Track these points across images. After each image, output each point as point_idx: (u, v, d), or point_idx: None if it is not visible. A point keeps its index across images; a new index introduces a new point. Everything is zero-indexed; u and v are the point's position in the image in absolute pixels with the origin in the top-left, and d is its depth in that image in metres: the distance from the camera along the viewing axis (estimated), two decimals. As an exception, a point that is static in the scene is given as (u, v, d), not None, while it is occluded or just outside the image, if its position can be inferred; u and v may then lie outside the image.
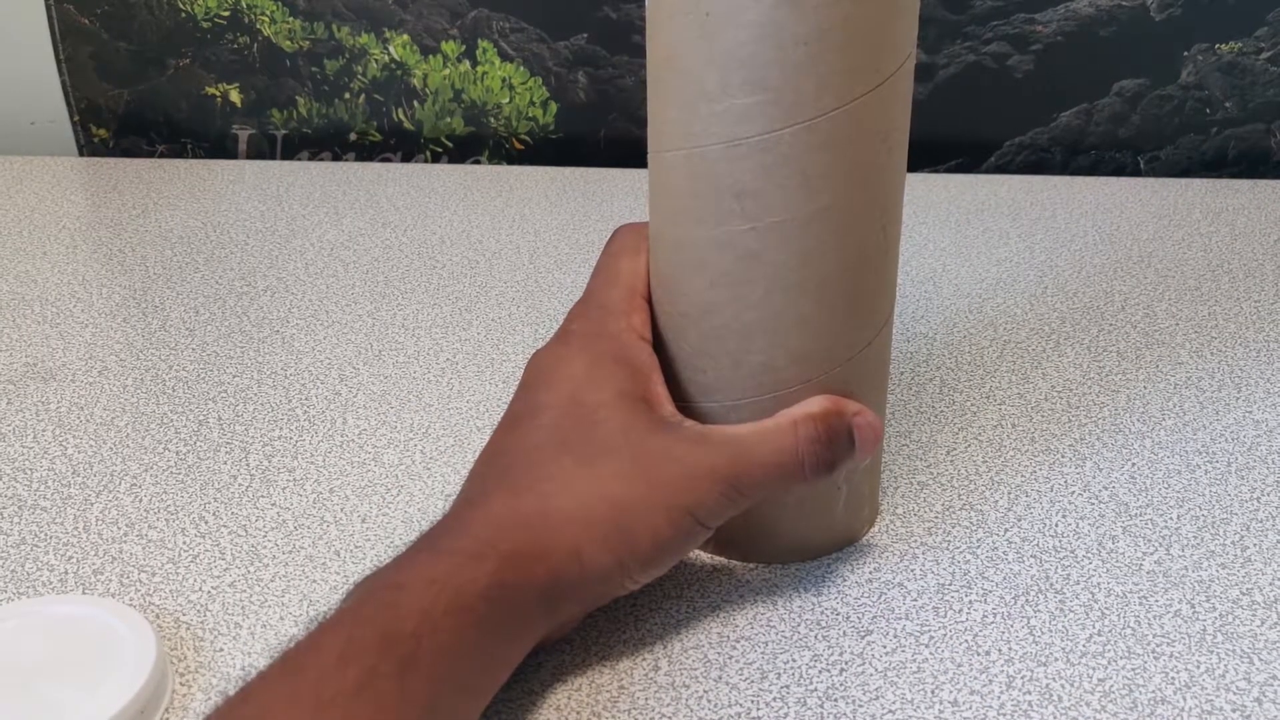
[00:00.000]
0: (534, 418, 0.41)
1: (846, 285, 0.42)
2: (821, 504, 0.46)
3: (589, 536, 0.38)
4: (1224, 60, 0.83)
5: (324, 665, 0.33)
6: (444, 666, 0.35)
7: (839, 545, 0.48)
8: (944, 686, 0.41)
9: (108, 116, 0.93)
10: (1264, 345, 0.62)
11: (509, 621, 0.37)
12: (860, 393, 0.44)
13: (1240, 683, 0.41)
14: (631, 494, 0.39)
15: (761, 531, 0.46)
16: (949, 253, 0.73)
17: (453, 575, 0.36)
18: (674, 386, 0.44)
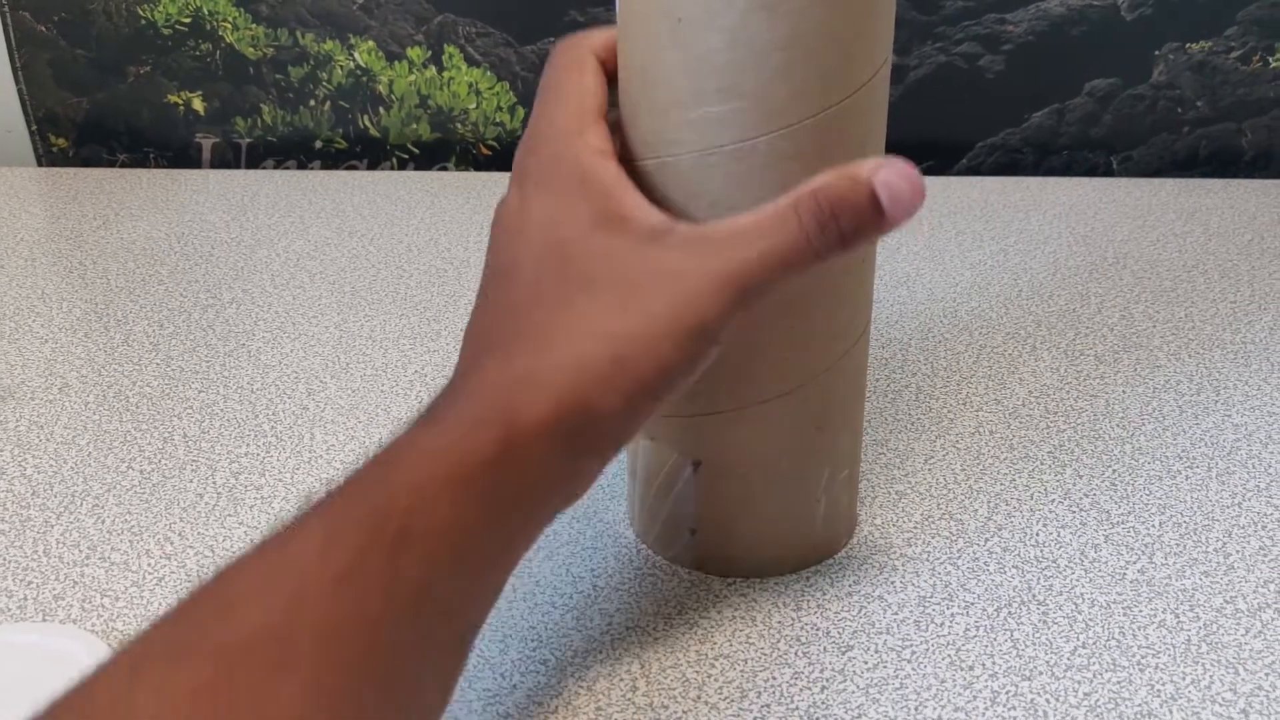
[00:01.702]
0: (511, 275, 0.38)
1: (822, 296, 0.41)
2: (799, 517, 0.45)
3: (593, 382, 0.35)
4: (1195, 59, 0.82)
5: (307, 550, 0.30)
6: (443, 547, 0.32)
7: (818, 558, 0.47)
8: (927, 704, 0.41)
9: (67, 125, 0.91)
10: (1241, 347, 0.62)
11: (518, 492, 0.34)
12: (837, 403, 0.44)
13: (1226, 694, 0.41)
14: (630, 327, 0.35)
15: (740, 545, 0.46)
16: (922, 257, 0.73)
17: (452, 446, 0.33)
18: None
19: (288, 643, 0.28)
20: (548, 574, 0.47)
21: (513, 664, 0.43)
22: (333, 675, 0.29)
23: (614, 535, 0.49)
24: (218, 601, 0.30)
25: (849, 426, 0.45)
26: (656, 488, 0.46)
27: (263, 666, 0.28)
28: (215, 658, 0.28)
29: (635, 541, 0.49)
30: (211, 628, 0.29)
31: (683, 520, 0.46)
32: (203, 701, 0.27)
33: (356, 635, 0.29)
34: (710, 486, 0.44)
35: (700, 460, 0.44)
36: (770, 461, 0.44)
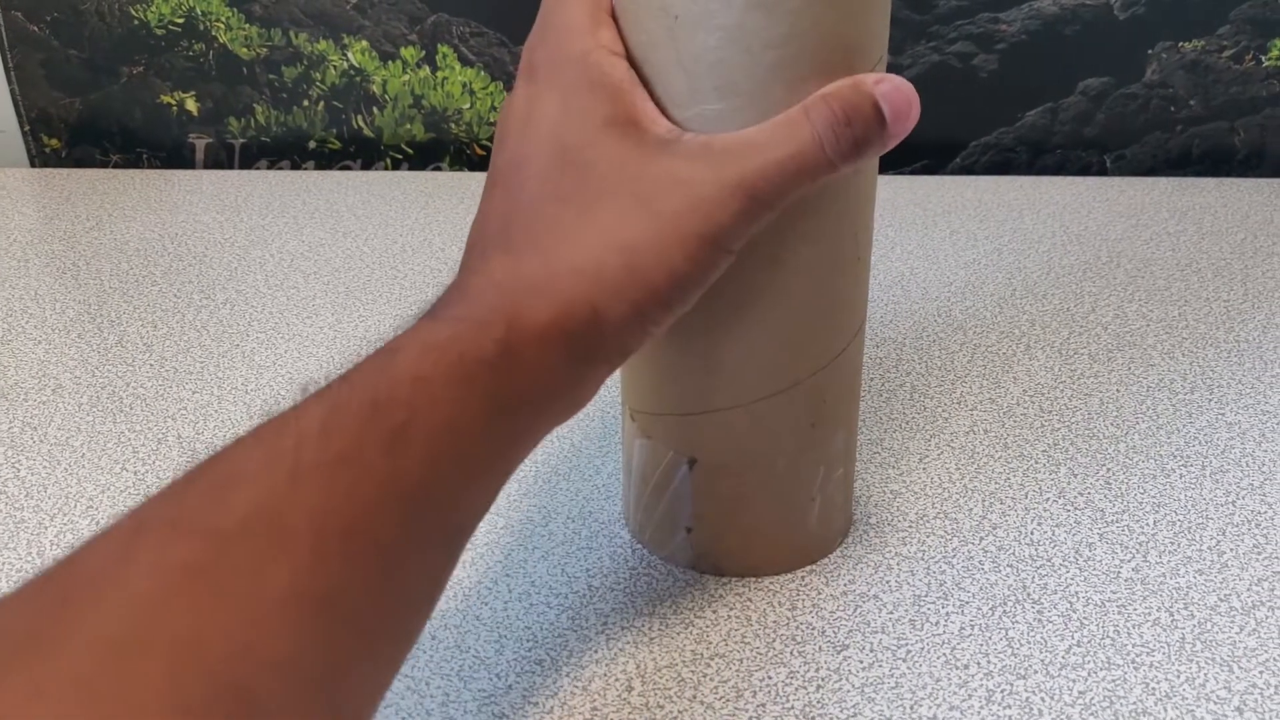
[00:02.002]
0: (519, 172, 0.37)
1: (818, 294, 0.41)
2: (795, 515, 0.45)
3: (601, 289, 0.34)
4: (1187, 58, 0.83)
5: (305, 431, 0.30)
6: (443, 444, 0.31)
7: (813, 557, 0.47)
8: (923, 702, 0.41)
9: (59, 126, 0.91)
10: (1234, 345, 0.62)
11: (520, 394, 0.33)
12: (833, 401, 0.44)
13: (1220, 692, 0.41)
14: (640, 234, 0.35)
15: (735, 544, 0.46)
16: (916, 256, 0.73)
17: (455, 342, 0.32)
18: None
19: (281, 525, 0.28)
20: (543, 574, 0.47)
21: (508, 664, 0.43)
22: (325, 561, 0.28)
23: (609, 535, 0.49)
24: (213, 481, 0.29)
25: (844, 424, 0.45)
26: (652, 486, 0.46)
27: (256, 548, 0.27)
28: (209, 537, 0.27)
29: (630, 541, 0.49)
30: (206, 507, 0.28)
31: (678, 518, 0.46)
32: (196, 579, 0.26)
33: (351, 521, 0.29)
34: (705, 484, 0.44)
35: (695, 458, 0.44)
36: (766, 459, 0.44)
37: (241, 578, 0.27)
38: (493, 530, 0.49)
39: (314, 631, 0.27)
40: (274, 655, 0.26)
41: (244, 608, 0.26)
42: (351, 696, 0.29)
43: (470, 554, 0.48)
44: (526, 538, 0.49)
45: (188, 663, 0.25)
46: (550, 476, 0.53)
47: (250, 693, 0.26)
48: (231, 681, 0.25)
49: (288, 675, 0.27)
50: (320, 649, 0.28)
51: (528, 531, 0.49)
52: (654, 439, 0.45)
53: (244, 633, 0.26)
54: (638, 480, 0.47)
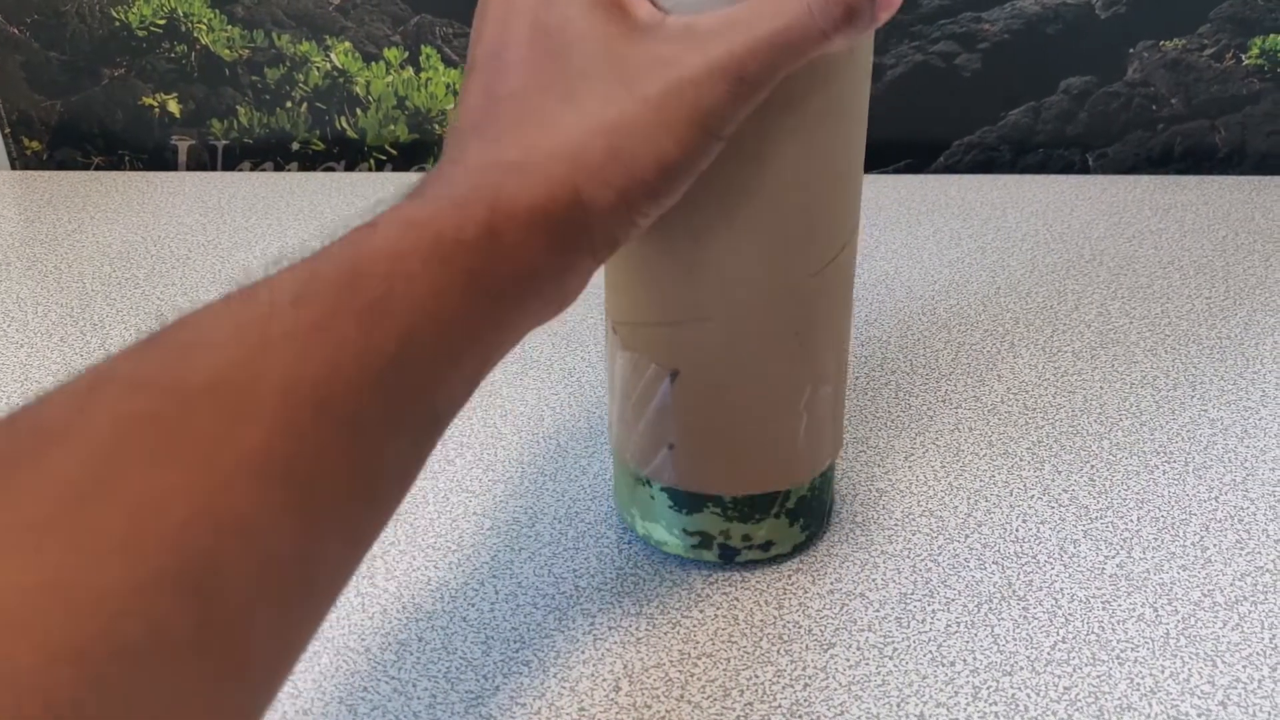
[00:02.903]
0: (497, 61, 0.36)
1: (804, 195, 0.40)
2: (781, 432, 0.44)
3: (585, 172, 0.33)
4: (1169, 57, 0.83)
5: (277, 300, 0.28)
6: (420, 322, 0.30)
7: (800, 478, 0.46)
8: (909, 700, 0.41)
9: (40, 128, 0.91)
10: (1216, 342, 0.62)
11: (502, 279, 0.32)
12: (820, 314, 0.43)
13: (1205, 686, 0.41)
14: (625, 118, 0.33)
15: (720, 461, 0.45)
16: (900, 255, 0.73)
17: (434, 220, 0.31)
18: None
19: (249, 390, 0.26)
20: (530, 574, 0.47)
21: (495, 665, 0.43)
22: (295, 430, 0.27)
23: (596, 536, 0.49)
24: (177, 343, 0.27)
25: (832, 340, 0.44)
26: (634, 401, 0.45)
27: (222, 410, 0.26)
28: (172, 395, 0.26)
29: (617, 541, 0.49)
30: (170, 367, 0.27)
31: (661, 434, 0.44)
32: (157, 435, 0.25)
33: (324, 392, 0.27)
34: (689, 398, 0.43)
35: (678, 370, 0.43)
36: (750, 371, 0.43)
37: (206, 439, 0.25)
38: (479, 531, 0.49)
39: (282, 501, 0.26)
40: (239, 522, 0.25)
41: (208, 470, 0.25)
42: (319, 575, 0.28)
43: (457, 555, 0.48)
44: (513, 539, 0.49)
45: (147, 522, 0.23)
46: (537, 477, 0.53)
47: (212, 560, 0.24)
48: (193, 546, 0.24)
49: (253, 544, 0.25)
50: (288, 520, 0.26)
51: (514, 532, 0.49)
52: (636, 351, 0.44)
53: (207, 496, 0.25)
54: (620, 396, 0.45)
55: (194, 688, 0.24)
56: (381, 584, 0.47)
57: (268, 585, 0.26)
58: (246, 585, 0.25)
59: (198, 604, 0.24)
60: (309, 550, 0.27)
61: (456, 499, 0.51)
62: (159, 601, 0.23)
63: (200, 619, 0.24)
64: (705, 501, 0.46)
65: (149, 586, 0.23)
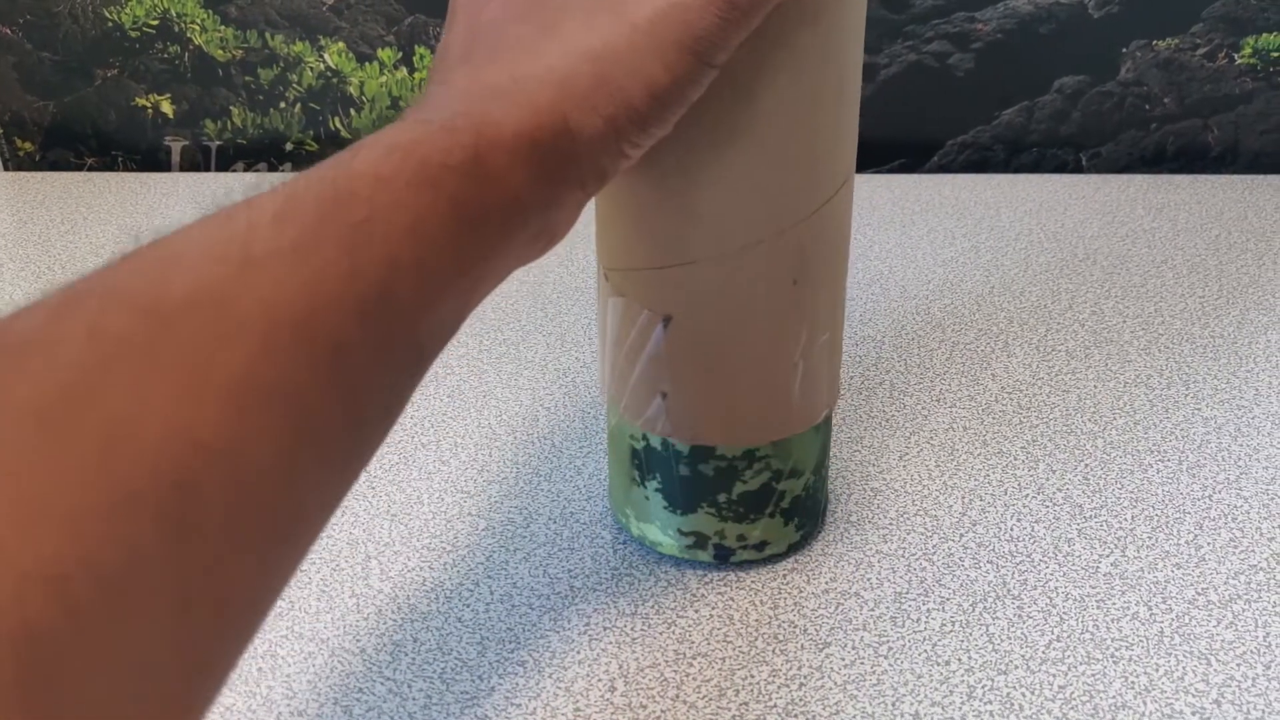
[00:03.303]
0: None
1: (798, 133, 0.39)
2: (776, 380, 0.43)
3: (573, 99, 0.32)
4: (1161, 57, 0.83)
5: (257, 220, 0.27)
6: (404, 248, 0.29)
7: (795, 428, 0.45)
8: (904, 699, 0.41)
9: (33, 129, 0.90)
10: (1209, 341, 0.62)
11: (488, 208, 0.31)
12: (816, 258, 0.42)
13: (1199, 685, 0.41)
14: (612, 43, 0.33)
15: (713, 410, 0.44)
16: (894, 254, 0.73)
17: (419, 145, 0.30)
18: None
19: (229, 310, 0.25)
20: (524, 575, 0.47)
21: (490, 665, 0.43)
22: (276, 352, 0.26)
23: (591, 536, 0.49)
24: (154, 262, 0.26)
25: (828, 286, 0.43)
26: (627, 348, 0.44)
27: (199, 330, 0.25)
28: (149, 313, 0.25)
29: (612, 541, 0.49)
30: (146, 285, 0.25)
31: (654, 382, 0.43)
32: (133, 353, 0.24)
33: (306, 314, 0.26)
34: (682, 344, 0.42)
35: (670, 316, 0.42)
36: (744, 317, 0.42)
37: (183, 359, 0.24)
38: (474, 532, 0.49)
39: (263, 425, 0.25)
40: (218, 444, 0.24)
41: (186, 390, 0.24)
42: (302, 506, 0.27)
43: (452, 556, 0.48)
44: (508, 539, 0.49)
45: (122, 443, 0.22)
46: (531, 478, 0.53)
47: (189, 483, 0.23)
48: (170, 469, 0.23)
49: (233, 469, 0.24)
50: (269, 445, 0.25)
51: (509, 533, 0.49)
52: (627, 297, 0.43)
53: (185, 417, 0.23)
54: (612, 344, 0.44)
55: (172, 620, 0.23)
56: (376, 584, 0.47)
57: (249, 513, 0.25)
58: (227, 511, 0.24)
59: (176, 530, 0.23)
60: (291, 479, 0.26)
61: (451, 499, 0.51)
62: (136, 525, 0.22)
63: (179, 546, 0.23)
64: (700, 501, 0.46)
65: (124, 509, 0.22)
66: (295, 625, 0.45)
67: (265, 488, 0.25)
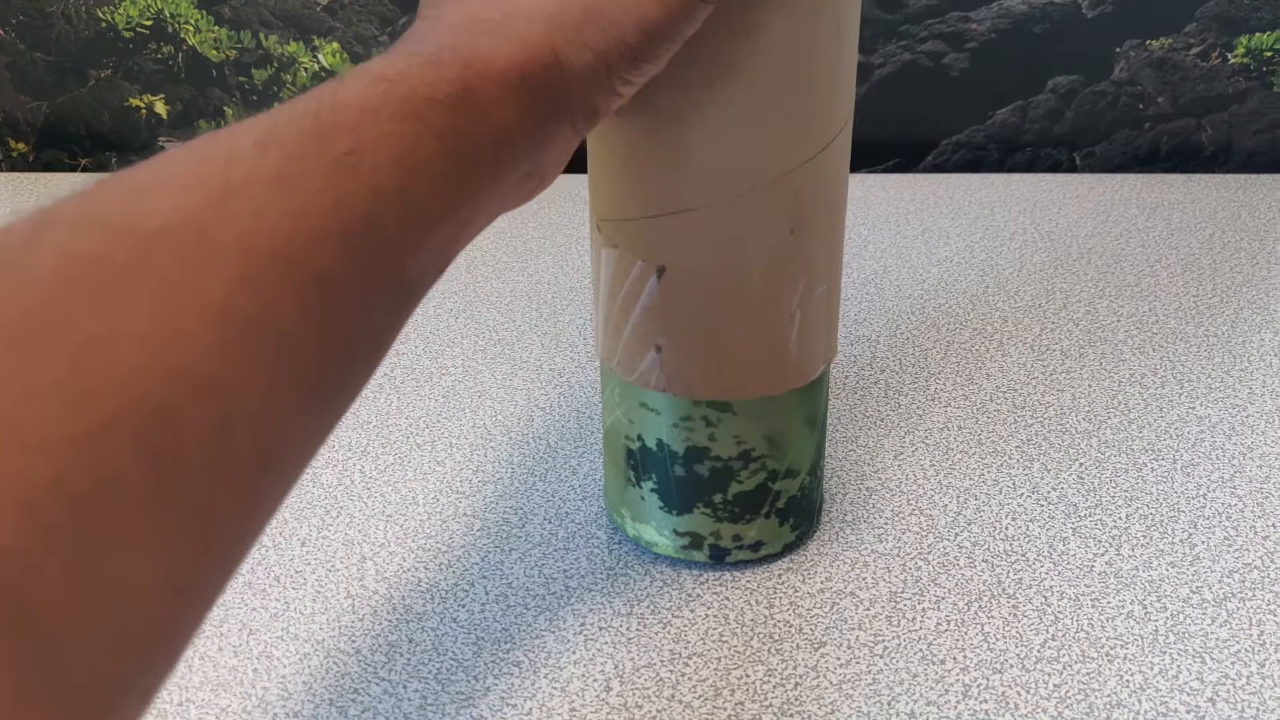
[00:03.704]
0: None
1: (795, 75, 0.39)
2: (772, 333, 0.43)
3: (563, 33, 0.32)
4: (1155, 56, 0.83)
5: (238, 147, 0.26)
6: (390, 180, 0.28)
7: (792, 382, 0.44)
8: (900, 698, 0.41)
9: (26, 130, 0.90)
10: (1204, 340, 0.62)
11: (476, 143, 0.30)
12: (813, 206, 0.41)
13: (1194, 683, 0.41)
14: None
15: (709, 363, 0.43)
16: (889, 254, 0.73)
17: (405, 77, 0.29)
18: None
19: (207, 238, 0.24)
20: (520, 575, 0.47)
21: (486, 666, 0.43)
22: (257, 282, 0.25)
23: (586, 536, 0.49)
24: (130, 188, 0.25)
25: (825, 236, 0.42)
26: (620, 301, 0.43)
27: (177, 256, 0.24)
28: (124, 235, 0.24)
29: (607, 541, 0.49)
30: (122, 208, 0.25)
31: (648, 336, 0.43)
32: (107, 275, 0.23)
33: (288, 245, 0.25)
34: (676, 296, 0.42)
35: (664, 266, 0.41)
36: (740, 266, 0.41)
37: (160, 284, 0.23)
38: (469, 532, 0.49)
39: (243, 353, 0.24)
40: (196, 371, 0.23)
41: (162, 315, 0.23)
42: (283, 441, 0.26)
43: (447, 556, 0.48)
44: (503, 539, 0.49)
45: (95, 365, 0.22)
46: (527, 478, 0.53)
47: (166, 411, 0.22)
48: (144, 394, 0.22)
49: (212, 397, 0.23)
50: (250, 374, 0.24)
51: (505, 533, 0.49)
52: (621, 247, 0.42)
53: (162, 342, 0.23)
54: (605, 297, 0.44)
55: (151, 548, 0.22)
56: (372, 585, 0.47)
57: (229, 443, 0.24)
58: (206, 443, 0.23)
59: (152, 459, 0.22)
60: (273, 410, 0.25)
61: (446, 500, 0.51)
62: (109, 453, 0.21)
63: (156, 476, 0.22)
64: (695, 502, 0.46)
65: (98, 435, 0.21)
66: (290, 626, 0.45)
67: (246, 418, 0.24)
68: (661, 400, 0.44)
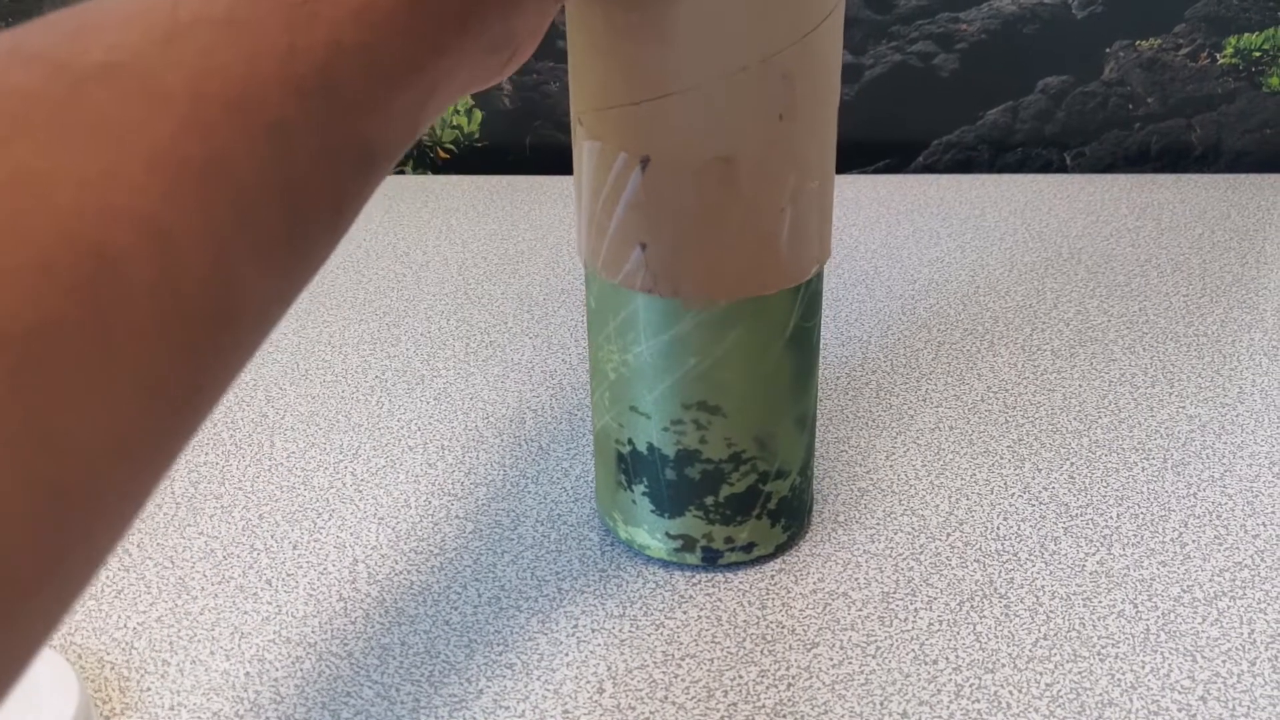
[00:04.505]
0: None
1: None
2: (762, 228, 0.41)
3: None
4: (1144, 57, 0.84)
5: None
6: (349, 33, 0.26)
7: (783, 281, 0.42)
8: (893, 698, 0.41)
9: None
10: (1193, 340, 0.63)
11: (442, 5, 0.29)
12: (805, 92, 0.40)
13: (1185, 681, 0.41)
14: None
15: (696, 261, 0.41)
16: (880, 254, 0.73)
17: None
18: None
19: (152, 77, 0.23)
20: (512, 577, 0.47)
21: (478, 668, 0.43)
22: (207, 128, 0.23)
23: (579, 538, 0.49)
24: (70, 24, 0.24)
25: (817, 126, 0.41)
26: (604, 197, 0.41)
27: (119, 95, 0.22)
28: (61, 72, 0.22)
29: (600, 543, 0.49)
30: (61, 44, 0.23)
31: (633, 233, 0.41)
32: (43, 110, 0.22)
33: (240, 92, 0.24)
34: (661, 189, 0.40)
35: (649, 157, 0.40)
36: (727, 155, 0.39)
37: (100, 123, 0.22)
38: (462, 535, 0.49)
39: (191, 202, 0.23)
40: (138, 215, 0.22)
41: (103, 155, 0.22)
42: (237, 296, 0.24)
43: (439, 558, 0.48)
44: (495, 541, 0.49)
45: (30, 199, 0.20)
46: (519, 480, 0.53)
47: (109, 253, 0.21)
48: (84, 234, 0.21)
49: (156, 245, 0.22)
50: (198, 220, 0.23)
51: (497, 535, 0.49)
52: (603, 140, 0.40)
53: (102, 182, 0.21)
54: (588, 195, 0.42)
55: (92, 397, 0.21)
56: (364, 588, 0.47)
57: (176, 296, 0.23)
58: (151, 290, 0.22)
59: (93, 302, 0.21)
60: (224, 263, 0.24)
61: (438, 502, 0.51)
62: (48, 292, 0.20)
63: (98, 322, 0.21)
64: (687, 505, 0.46)
65: (36, 273, 0.20)
66: (282, 630, 0.45)
67: (195, 268, 0.23)
68: (651, 404, 0.44)
